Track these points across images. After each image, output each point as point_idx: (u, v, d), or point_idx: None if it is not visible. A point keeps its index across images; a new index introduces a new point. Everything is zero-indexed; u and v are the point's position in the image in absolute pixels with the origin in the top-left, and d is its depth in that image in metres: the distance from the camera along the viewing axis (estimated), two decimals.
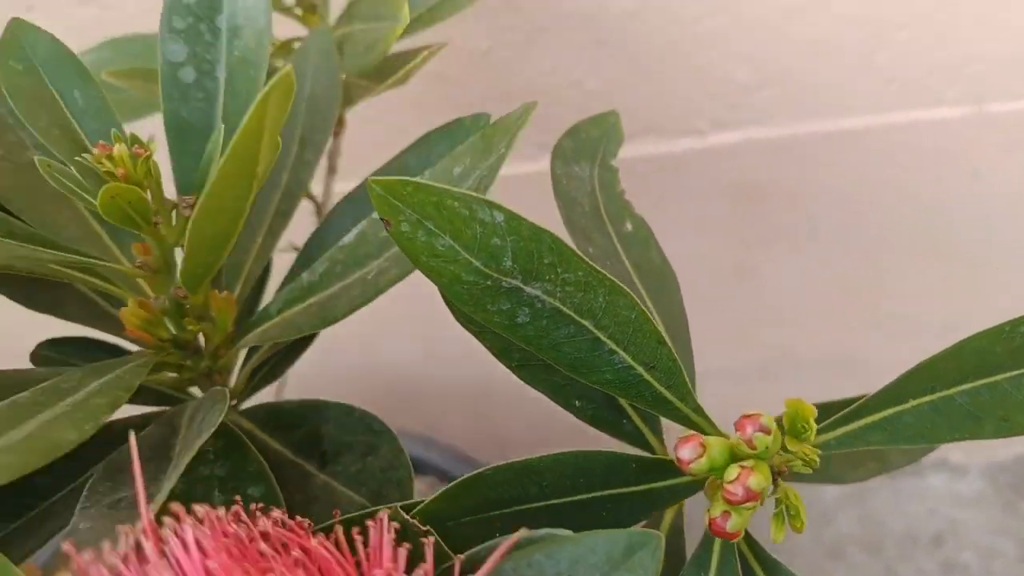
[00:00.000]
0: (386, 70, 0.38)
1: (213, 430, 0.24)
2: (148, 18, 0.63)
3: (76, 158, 0.28)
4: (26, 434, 0.23)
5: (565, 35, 0.63)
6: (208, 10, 0.32)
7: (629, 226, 0.38)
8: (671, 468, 0.28)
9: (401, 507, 0.25)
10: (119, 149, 0.27)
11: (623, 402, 0.33)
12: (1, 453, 0.21)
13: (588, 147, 0.39)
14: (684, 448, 0.27)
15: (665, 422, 0.33)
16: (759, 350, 0.82)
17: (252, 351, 0.37)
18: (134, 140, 0.28)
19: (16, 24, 0.31)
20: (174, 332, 0.32)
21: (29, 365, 0.38)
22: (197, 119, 0.33)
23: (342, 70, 0.39)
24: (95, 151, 0.28)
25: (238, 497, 0.23)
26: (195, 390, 0.37)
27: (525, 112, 0.27)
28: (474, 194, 0.24)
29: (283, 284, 0.36)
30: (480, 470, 0.26)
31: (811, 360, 0.82)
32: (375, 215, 0.32)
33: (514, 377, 0.31)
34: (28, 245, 0.27)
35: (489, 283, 0.26)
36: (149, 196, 0.28)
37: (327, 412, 0.33)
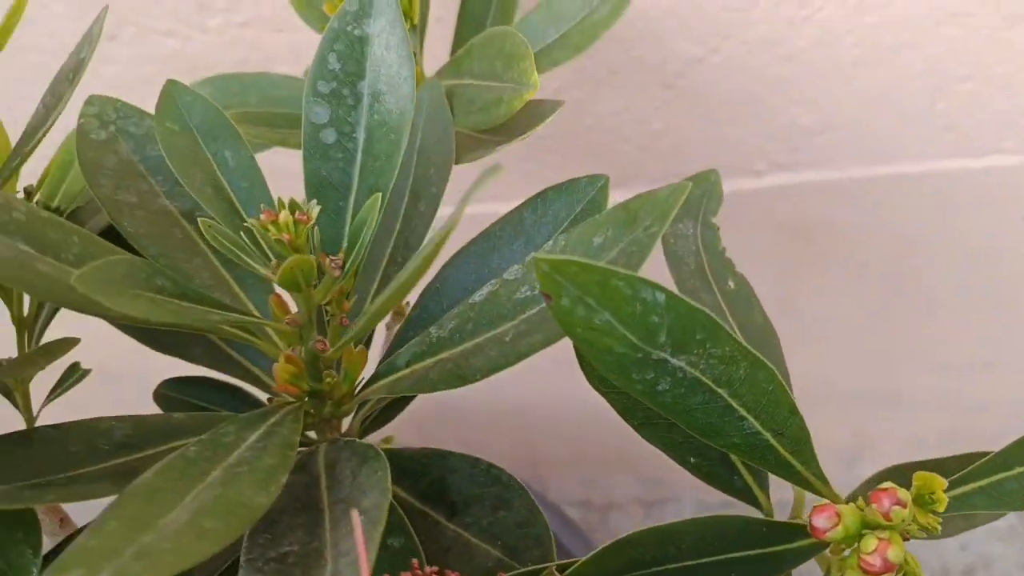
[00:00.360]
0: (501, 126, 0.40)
1: (389, 497, 0.25)
2: (226, 52, 0.65)
3: (245, 224, 0.30)
4: (215, 496, 0.24)
5: (634, 78, 0.65)
6: (351, 76, 0.34)
7: (732, 284, 0.40)
8: (796, 532, 0.30)
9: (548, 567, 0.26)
10: (284, 216, 0.29)
11: (735, 460, 0.35)
12: (202, 517, 0.23)
13: (691, 205, 0.40)
14: (820, 517, 0.28)
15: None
16: (798, 379, 0.83)
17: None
18: (293, 206, 0.30)
19: (172, 86, 0.33)
20: (311, 384, 0.33)
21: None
22: (336, 178, 0.34)
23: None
24: (261, 217, 0.29)
25: (415, 561, 0.24)
26: (311, 433, 0.38)
27: (676, 192, 0.29)
28: (639, 276, 0.26)
29: (398, 336, 0.38)
30: (629, 534, 0.27)
31: (851, 392, 0.83)
32: (507, 276, 0.34)
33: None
34: (199, 306, 0.28)
35: (640, 355, 0.28)
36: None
37: (451, 462, 0.34)
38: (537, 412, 0.87)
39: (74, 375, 0.39)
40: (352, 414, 0.39)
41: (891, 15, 0.60)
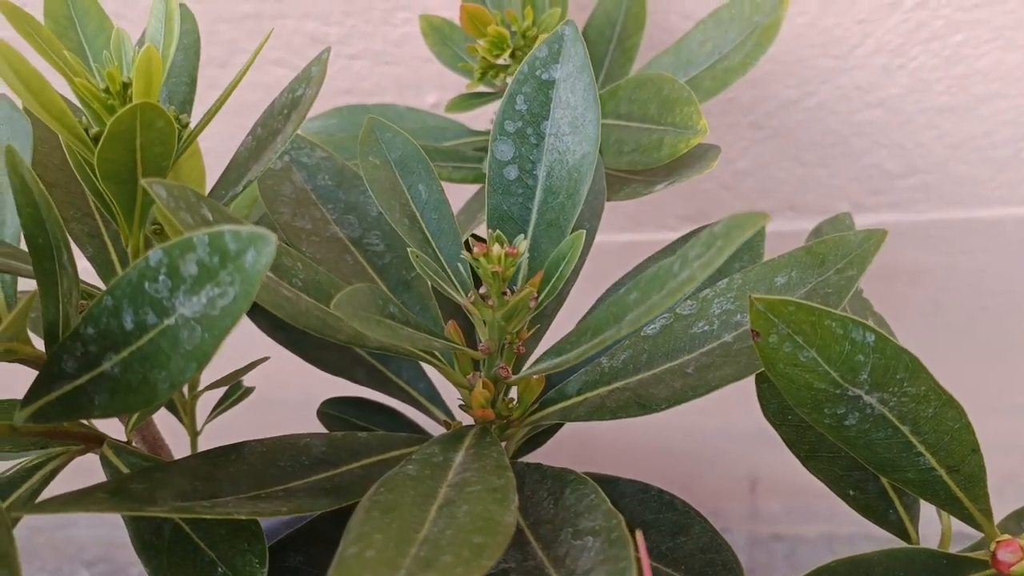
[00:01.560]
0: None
1: (621, 518, 0.27)
2: (334, 82, 0.67)
3: (462, 256, 0.31)
4: (468, 514, 0.26)
5: (724, 118, 0.67)
6: (536, 117, 0.36)
7: (871, 322, 0.41)
8: (977, 565, 0.31)
9: None
10: (497, 251, 0.31)
11: (892, 495, 0.36)
12: (470, 534, 0.24)
13: None
14: (1005, 551, 0.29)
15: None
16: None
17: None
18: (499, 239, 0.31)
19: (373, 123, 0.35)
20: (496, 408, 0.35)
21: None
22: (516, 212, 0.36)
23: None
24: (475, 250, 0.31)
25: None
26: None
27: (872, 239, 0.30)
28: (853, 317, 0.28)
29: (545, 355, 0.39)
30: (828, 563, 0.29)
31: None
32: (681, 311, 0.35)
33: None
34: (421, 333, 0.30)
35: (837, 391, 0.29)
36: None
37: (620, 487, 0.36)
38: (601, 441, 0.88)
39: (236, 393, 0.41)
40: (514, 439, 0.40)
41: (982, 66, 0.63)
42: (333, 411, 0.42)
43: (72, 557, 0.93)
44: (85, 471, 0.36)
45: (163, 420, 0.41)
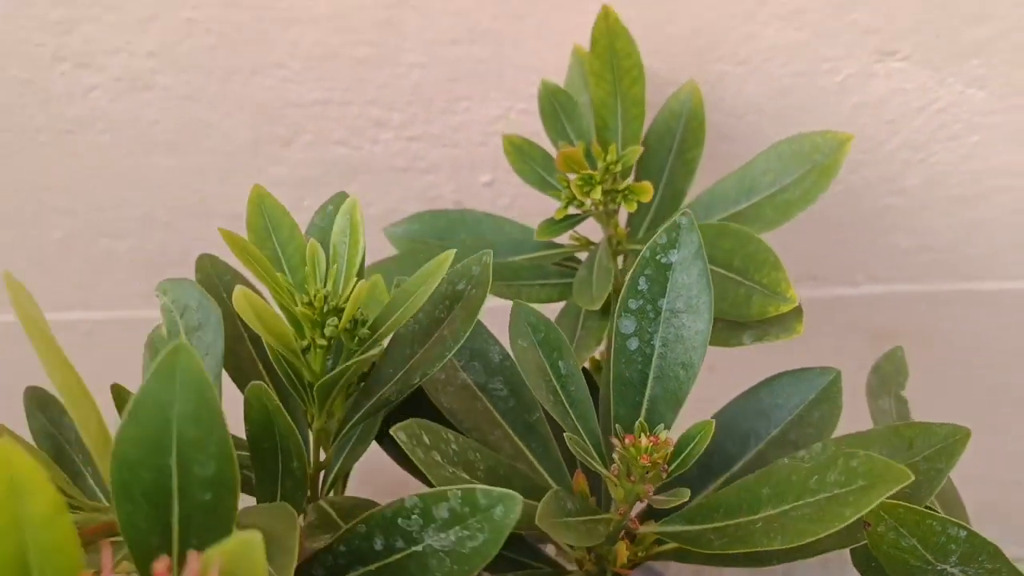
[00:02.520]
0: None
1: None
2: (393, 160, 0.70)
3: (618, 450, 0.36)
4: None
5: None
6: (655, 295, 0.40)
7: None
8: None
9: None
10: (645, 442, 0.35)
11: None
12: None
13: (886, 381, 0.48)
14: None
15: None
16: None
17: None
18: (641, 428, 0.36)
19: (520, 309, 0.39)
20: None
21: None
22: (634, 377, 0.41)
23: None
24: (625, 441, 0.36)
25: None
26: None
27: (958, 437, 0.36)
28: (950, 518, 0.33)
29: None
30: None
31: None
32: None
33: None
34: (594, 521, 0.34)
35: (928, 568, 0.35)
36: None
37: None
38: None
39: None
40: None
41: (996, 164, 0.69)
42: None
43: None
44: None
45: None
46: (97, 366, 0.90)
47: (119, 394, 0.40)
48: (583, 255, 0.57)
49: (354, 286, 0.34)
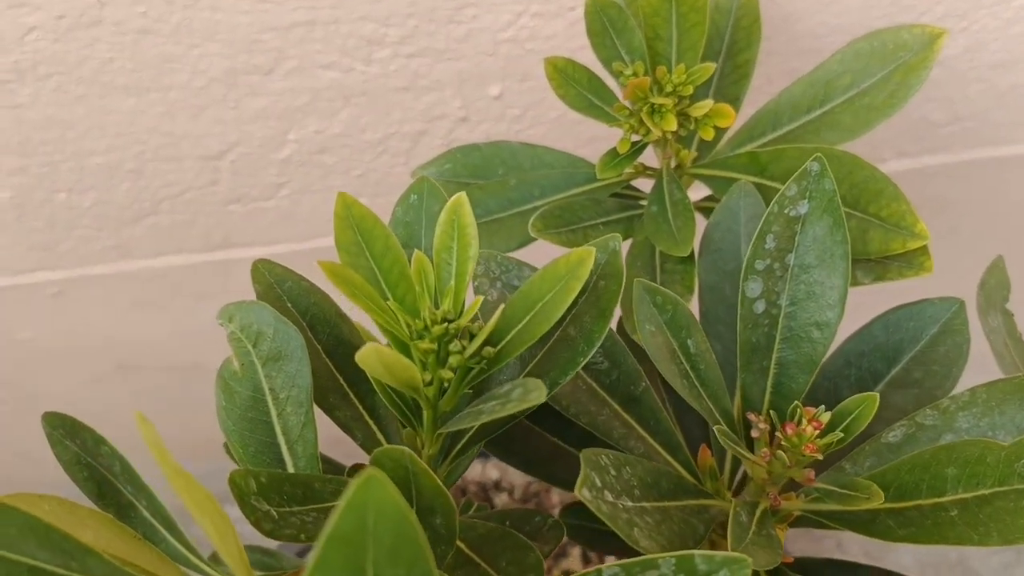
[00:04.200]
0: None
1: None
2: (390, 80, 0.62)
3: (777, 436, 0.32)
4: None
5: None
6: (782, 252, 0.36)
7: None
8: None
9: None
10: (809, 429, 0.32)
11: None
12: None
13: (992, 296, 0.45)
14: None
15: None
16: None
17: None
18: (799, 412, 0.33)
19: (643, 286, 0.34)
20: None
21: None
22: (760, 341, 0.37)
23: None
24: (787, 431, 0.32)
25: None
26: None
27: None
28: None
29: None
30: None
31: None
32: (922, 420, 0.38)
33: None
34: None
35: None
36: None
37: (860, 574, 0.39)
38: None
39: None
40: None
41: None
42: (573, 520, 0.43)
43: None
44: None
45: None
46: (75, 325, 0.83)
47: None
48: (638, 183, 0.51)
49: (474, 307, 0.28)
